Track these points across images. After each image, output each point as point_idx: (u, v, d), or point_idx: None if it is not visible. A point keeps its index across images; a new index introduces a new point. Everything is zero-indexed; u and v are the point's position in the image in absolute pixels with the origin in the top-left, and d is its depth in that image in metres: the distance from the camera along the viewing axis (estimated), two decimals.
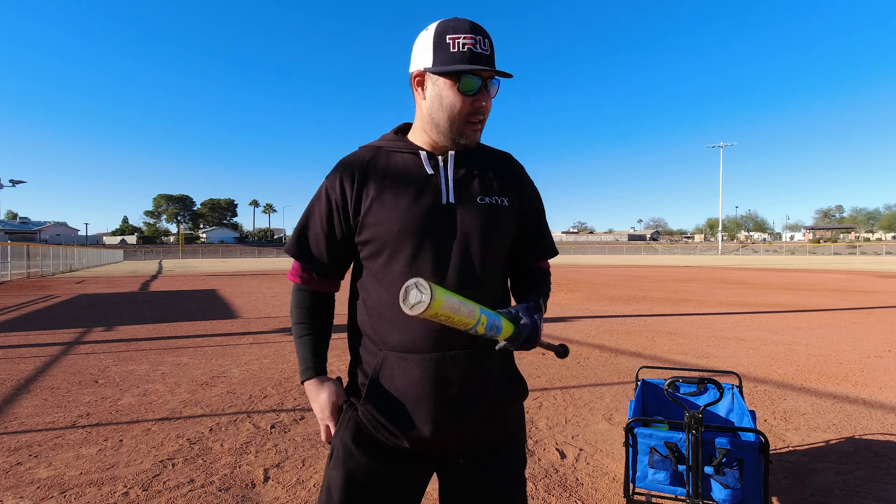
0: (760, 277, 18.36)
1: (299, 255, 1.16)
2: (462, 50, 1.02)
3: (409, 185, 1.08)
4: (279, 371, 4.74)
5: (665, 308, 9.48)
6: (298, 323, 1.17)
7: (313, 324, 1.17)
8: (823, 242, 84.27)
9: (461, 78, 1.03)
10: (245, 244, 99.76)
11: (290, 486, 2.45)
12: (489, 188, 1.13)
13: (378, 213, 1.07)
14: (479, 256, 1.08)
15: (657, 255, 66.68)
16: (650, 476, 1.92)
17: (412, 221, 1.05)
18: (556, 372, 4.64)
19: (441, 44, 1.03)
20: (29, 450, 2.89)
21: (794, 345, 5.87)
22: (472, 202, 1.09)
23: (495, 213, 1.11)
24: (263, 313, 9.13)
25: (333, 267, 1.17)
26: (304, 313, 1.17)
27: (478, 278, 1.07)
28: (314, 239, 1.15)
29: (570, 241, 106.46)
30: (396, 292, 0.98)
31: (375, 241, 1.07)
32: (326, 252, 1.14)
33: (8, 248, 19.68)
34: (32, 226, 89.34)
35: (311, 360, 1.14)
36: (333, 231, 1.13)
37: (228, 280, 19.50)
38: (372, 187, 1.09)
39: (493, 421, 1.11)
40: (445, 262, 1.05)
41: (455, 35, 1.03)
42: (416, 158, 1.12)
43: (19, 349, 5.93)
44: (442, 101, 1.06)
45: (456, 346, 1.04)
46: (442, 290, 0.86)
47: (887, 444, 2.94)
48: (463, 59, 1.02)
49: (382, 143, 1.17)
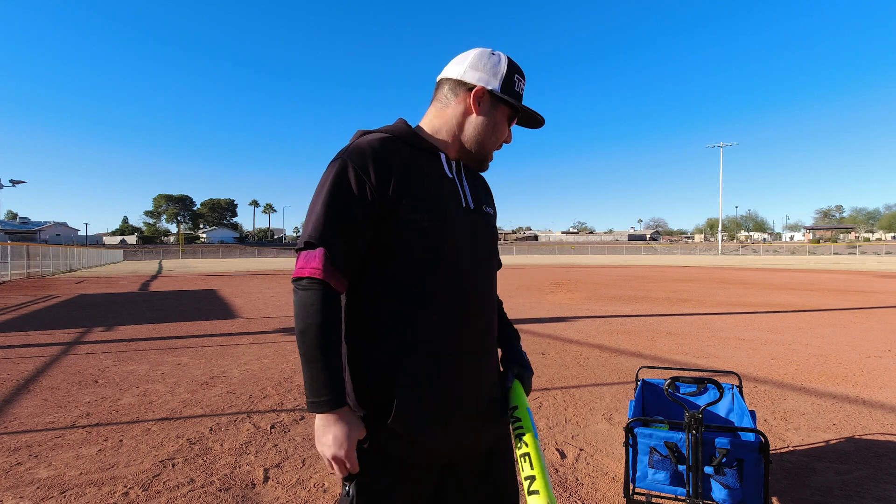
0: (760, 277, 18.36)
1: (327, 240, 0.96)
2: (520, 92, 1.15)
3: (441, 186, 1.08)
4: (279, 371, 4.74)
5: (665, 308, 9.48)
6: (315, 342, 0.94)
7: (331, 340, 0.96)
8: (823, 242, 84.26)
9: (520, 117, 1.16)
10: (245, 244, 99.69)
11: (290, 486, 2.45)
12: (486, 199, 1.22)
13: (411, 209, 1.00)
14: (493, 259, 1.18)
15: (657, 255, 66.66)
16: (650, 476, 1.92)
17: (447, 223, 1.04)
18: (556, 372, 4.64)
19: (511, 78, 1.13)
20: (29, 450, 2.88)
21: (794, 345, 5.87)
22: (481, 210, 1.17)
23: (494, 222, 1.22)
24: (263, 313, 9.12)
25: (356, 260, 1.01)
26: (321, 328, 0.94)
27: (493, 280, 1.17)
28: (345, 223, 0.97)
29: (570, 241, 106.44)
30: (429, 292, 1.02)
31: (408, 237, 1.00)
32: (357, 239, 0.99)
33: (8, 248, 19.68)
34: (32, 226, 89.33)
35: (329, 390, 0.95)
36: (367, 215, 0.98)
37: (228, 280, 19.50)
38: (404, 179, 1.01)
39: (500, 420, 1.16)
40: (473, 265, 1.09)
41: (520, 78, 1.15)
42: (437, 159, 1.11)
43: (19, 349, 5.93)
44: (496, 126, 1.14)
45: (482, 348, 1.10)
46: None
47: (887, 444, 2.94)
48: (519, 101, 1.14)
49: (400, 134, 1.08)
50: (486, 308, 1.11)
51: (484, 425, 1.09)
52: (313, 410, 0.95)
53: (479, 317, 1.08)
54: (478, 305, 1.08)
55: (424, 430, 1.00)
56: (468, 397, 1.05)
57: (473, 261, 1.08)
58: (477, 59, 1.12)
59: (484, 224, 1.14)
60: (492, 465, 1.13)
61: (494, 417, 1.12)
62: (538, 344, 5.96)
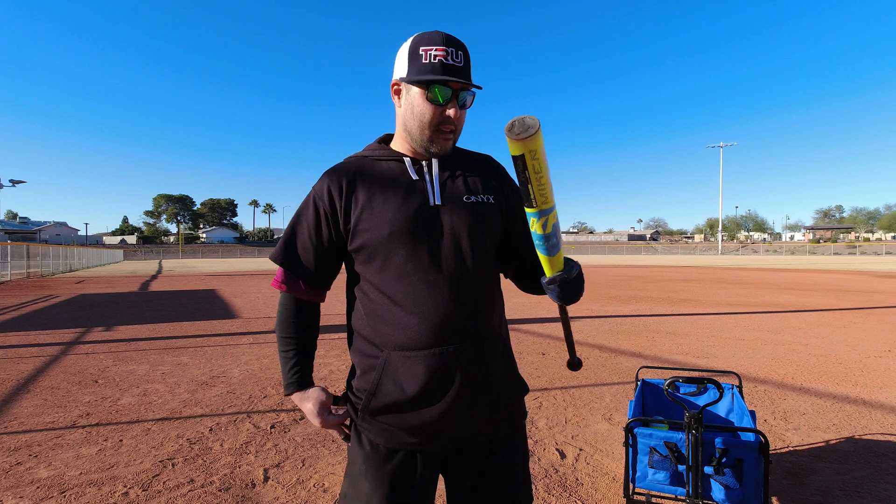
0: (760, 277, 18.36)
1: (286, 262, 1.16)
2: (433, 61, 1.06)
3: (397, 190, 1.12)
4: (279, 371, 4.73)
5: (665, 308, 9.48)
6: (284, 337, 1.17)
7: (298, 338, 1.17)
8: (823, 242, 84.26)
9: (430, 87, 1.07)
10: (245, 244, 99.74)
11: (290, 486, 2.45)
12: (474, 188, 1.17)
13: (368, 219, 1.10)
14: (469, 252, 1.11)
15: (657, 255, 66.66)
16: (650, 476, 1.92)
17: (402, 224, 1.08)
18: (556, 372, 4.64)
19: (415, 55, 1.08)
20: (29, 450, 2.88)
21: (794, 345, 5.87)
22: (458, 202, 1.13)
23: (482, 211, 1.15)
24: (263, 313, 9.12)
25: (320, 276, 1.18)
26: (289, 327, 1.17)
27: (470, 273, 1.10)
28: (302, 246, 1.16)
29: (570, 241, 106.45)
30: (393, 292, 1.07)
31: (368, 246, 1.10)
32: (314, 260, 1.15)
33: (8, 248, 19.67)
34: (32, 226, 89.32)
35: (293, 375, 1.16)
36: (322, 239, 1.14)
37: (228, 280, 19.50)
38: (360, 195, 1.12)
39: (497, 413, 1.13)
40: (438, 260, 1.08)
41: (428, 47, 1.07)
42: (401, 165, 1.16)
43: (19, 349, 5.93)
44: (413, 109, 1.10)
45: (457, 341, 1.06)
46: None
47: (887, 444, 2.94)
48: (434, 70, 1.06)
49: (367, 152, 1.20)
50: (458, 301, 1.07)
51: (470, 417, 1.09)
52: (285, 394, 1.17)
53: (449, 310, 1.06)
54: (445, 299, 1.06)
55: (396, 415, 1.08)
56: (442, 389, 1.06)
57: (435, 254, 1.08)
58: (396, 57, 1.14)
59: (459, 217, 1.11)
60: (504, 451, 1.15)
61: (491, 405, 1.11)
62: (538, 344, 5.96)
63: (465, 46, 1.10)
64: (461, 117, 1.13)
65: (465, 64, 1.09)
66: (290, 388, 1.16)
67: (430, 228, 1.09)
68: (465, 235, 1.11)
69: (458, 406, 1.07)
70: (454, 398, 1.07)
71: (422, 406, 1.07)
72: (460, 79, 1.07)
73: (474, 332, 1.09)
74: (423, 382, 1.06)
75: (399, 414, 1.08)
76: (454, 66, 1.07)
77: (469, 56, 1.11)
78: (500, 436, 1.15)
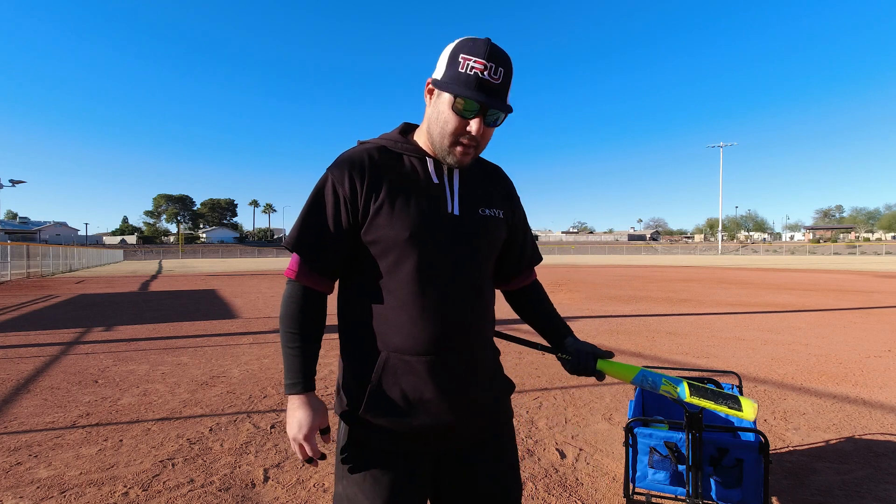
0: (760, 277, 18.36)
1: (302, 247, 1.09)
2: (468, 73, 1.00)
3: (419, 192, 1.10)
4: (279, 371, 4.73)
5: (665, 308, 9.48)
6: (291, 332, 1.09)
7: (306, 333, 1.10)
8: (823, 242, 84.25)
9: (458, 98, 1.02)
10: (245, 244, 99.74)
11: (290, 486, 2.45)
12: (488, 201, 1.18)
13: (388, 217, 1.06)
14: (479, 266, 1.13)
15: (657, 255, 66.65)
16: (650, 476, 1.92)
17: (422, 230, 1.06)
18: (556, 372, 4.64)
19: (454, 60, 1.03)
20: (29, 450, 2.88)
21: (794, 345, 5.87)
22: (474, 214, 1.13)
23: (493, 226, 1.16)
24: (263, 313, 9.12)
25: (334, 263, 1.12)
26: (297, 320, 1.09)
27: (478, 287, 1.13)
28: (319, 231, 1.09)
29: (570, 241, 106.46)
30: (401, 295, 1.06)
31: (383, 242, 1.07)
32: (332, 246, 1.10)
33: (8, 248, 19.66)
34: (32, 226, 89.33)
35: (299, 374, 1.09)
36: (340, 224, 1.08)
37: (228, 280, 19.49)
38: (382, 188, 1.08)
39: (489, 415, 1.17)
40: (450, 269, 1.08)
41: (468, 56, 1.01)
42: (423, 165, 1.13)
43: (19, 349, 5.93)
44: (439, 115, 1.07)
45: (459, 349, 1.09)
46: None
47: (887, 444, 2.94)
48: (466, 83, 1.01)
49: (387, 142, 1.15)
50: (465, 311, 1.09)
51: (466, 420, 1.11)
52: (285, 392, 1.10)
53: (456, 318, 1.07)
54: (453, 308, 1.07)
55: (391, 416, 1.07)
56: (440, 394, 1.07)
57: (447, 264, 1.08)
58: (440, 55, 1.09)
59: (473, 229, 1.12)
60: (495, 450, 1.16)
61: (484, 408, 1.15)
62: None
63: (510, 62, 1.04)
64: (487, 134, 1.08)
65: (503, 81, 1.02)
66: (294, 389, 1.09)
67: (446, 237, 1.09)
68: (477, 248, 1.12)
69: (455, 410, 1.09)
70: (451, 403, 1.08)
71: (419, 410, 1.07)
72: (492, 97, 1.01)
73: (475, 341, 1.12)
74: (422, 387, 1.07)
75: (394, 417, 1.07)
76: (489, 83, 1.01)
77: (511, 73, 1.04)
78: (490, 435, 1.17)
